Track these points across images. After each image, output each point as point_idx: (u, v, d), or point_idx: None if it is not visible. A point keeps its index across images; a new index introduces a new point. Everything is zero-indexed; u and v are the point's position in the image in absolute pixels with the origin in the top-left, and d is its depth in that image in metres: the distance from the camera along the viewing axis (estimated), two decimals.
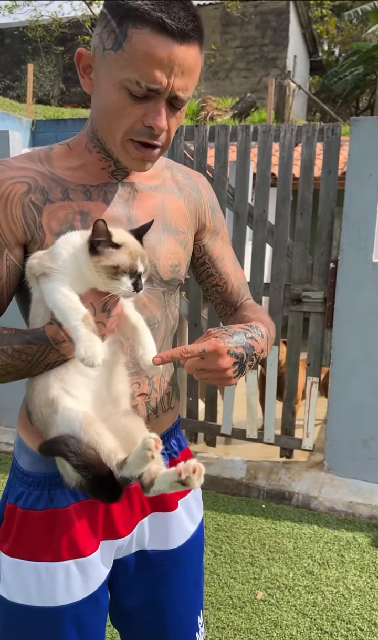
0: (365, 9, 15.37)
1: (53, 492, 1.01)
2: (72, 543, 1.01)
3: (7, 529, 1.03)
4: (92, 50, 0.91)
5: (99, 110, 0.92)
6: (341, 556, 2.56)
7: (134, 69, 0.85)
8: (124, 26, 0.84)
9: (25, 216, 0.94)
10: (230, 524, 2.82)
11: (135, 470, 0.87)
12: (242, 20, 15.85)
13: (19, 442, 1.07)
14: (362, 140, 2.90)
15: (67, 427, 0.88)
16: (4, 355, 0.91)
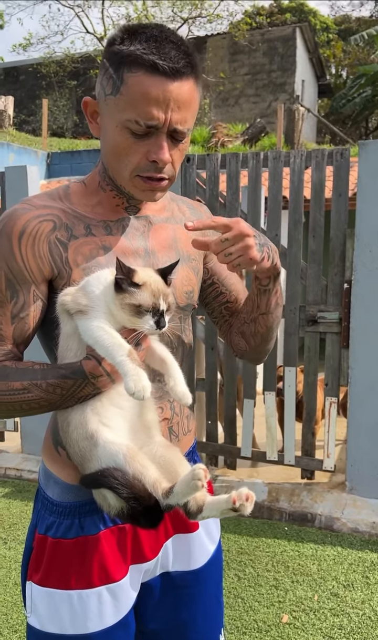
0: (371, 33, 15.64)
1: (83, 520, 1.03)
2: (103, 569, 1.03)
3: (38, 559, 1.05)
4: (97, 96, 0.98)
5: (107, 152, 0.99)
6: (366, 578, 2.54)
7: (133, 109, 0.91)
8: (120, 72, 0.92)
9: (52, 253, 0.98)
10: (253, 547, 2.82)
11: (181, 499, 0.90)
12: (249, 48, 16.20)
13: (45, 472, 1.09)
14: (370, 162, 2.95)
15: (110, 460, 0.91)
16: (38, 390, 0.94)
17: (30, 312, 0.99)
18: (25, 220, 0.98)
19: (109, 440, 0.92)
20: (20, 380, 0.95)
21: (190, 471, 0.89)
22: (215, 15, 15.48)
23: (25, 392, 0.94)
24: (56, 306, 0.97)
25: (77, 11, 15.65)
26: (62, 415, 0.98)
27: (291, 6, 20.98)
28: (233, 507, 0.91)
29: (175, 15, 15.53)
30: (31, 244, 0.97)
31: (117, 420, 0.96)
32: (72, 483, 1.03)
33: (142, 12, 15.24)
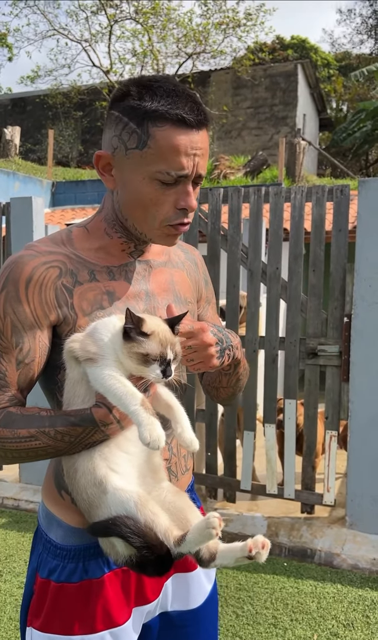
0: (371, 69, 16.04)
1: (87, 564, 1.02)
2: (106, 613, 1.02)
3: (40, 604, 1.03)
4: (111, 150, 0.99)
5: (130, 203, 1.00)
6: (366, 617, 2.50)
7: (162, 161, 0.95)
8: (144, 126, 0.95)
9: (58, 299, 0.99)
10: (252, 583, 2.78)
11: (194, 547, 0.90)
12: (252, 83, 16.60)
13: (47, 515, 1.08)
14: (370, 199, 3.02)
15: (120, 507, 0.90)
16: (45, 438, 0.94)
17: (35, 358, 1.00)
18: (32, 267, 0.99)
19: (119, 487, 0.91)
20: (27, 427, 0.94)
21: (204, 519, 0.89)
22: (218, 51, 15.89)
23: (32, 439, 0.94)
24: (63, 352, 0.98)
25: (84, 45, 16.09)
26: (68, 461, 0.97)
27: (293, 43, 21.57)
28: (249, 555, 0.91)
29: (180, 50, 15.96)
30: (38, 291, 0.98)
31: (125, 466, 0.95)
32: (76, 526, 1.02)
33: (147, 47, 15.66)
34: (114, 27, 15.54)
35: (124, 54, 16.83)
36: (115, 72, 16.17)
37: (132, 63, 16.27)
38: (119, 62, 16.26)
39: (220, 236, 3.40)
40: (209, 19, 15.42)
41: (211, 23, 15.38)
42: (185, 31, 15.50)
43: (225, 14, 15.41)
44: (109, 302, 1.03)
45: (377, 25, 23.86)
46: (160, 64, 15.93)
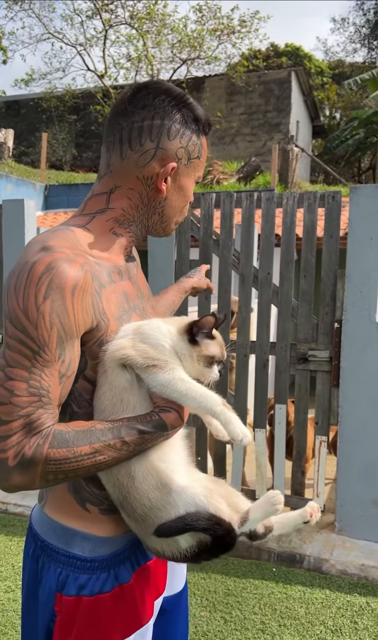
0: (364, 78, 16.16)
1: (118, 570, 1.02)
2: (137, 614, 1.02)
3: (69, 624, 0.98)
4: (176, 160, 1.03)
5: (180, 205, 1.09)
6: (354, 623, 2.50)
7: (203, 166, 1.10)
8: (200, 138, 1.06)
9: (94, 304, 0.94)
10: (241, 588, 2.77)
11: (257, 524, 0.97)
12: (246, 89, 16.68)
13: (64, 532, 1.02)
14: (361, 206, 3.04)
15: (190, 504, 0.92)
16: (110, 451, 0.90)
17: (74, 370, 0.94)
18: (75, 272, 0.91)
19: (184, 485, 0.94)
20: (88, 443, 0.89)
21: (265, 497, 0.96)
22: (213, 57, 15.97)
23: (96, 454, 0.89)
24: (105, 359, 0.94)
25: (79, 49, 16.13)
26: (118, 470, 0.95)
27: (287, 50, 21.72)
28: (308, 520, 1.02)
29: (175, 56, 16.02)
30: (81, 298, 0.91)
31: (177, 465, 0.98)
32: (106, 536, 1.01)
33: (142, 52, 15.71)
34: (108, 31, 15.60)
35: (119, 58, 16.90)
36: (110, 77, 16.22)
37: (127, 68, 16.33)
38: (114, 66, 16.32)
39: (212, 241, 3.40)
40: (204, 25, 15.50)
41: (206, 29, 15.46)
42: (179, 37, 15.58)
43: (220, 21, 15.51)
44: (126, 303, 1.02)
45: (370, 34, 24.08)
46: (154, 69, 15.99)
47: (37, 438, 0.87)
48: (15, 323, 0.88)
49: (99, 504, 1.00)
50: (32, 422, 0.87)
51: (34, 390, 0.87)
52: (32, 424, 0.87)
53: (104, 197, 1.04)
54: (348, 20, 27.98)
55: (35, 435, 0.87)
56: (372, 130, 16.36)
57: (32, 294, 0.87)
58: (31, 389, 0.87)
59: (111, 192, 1.03)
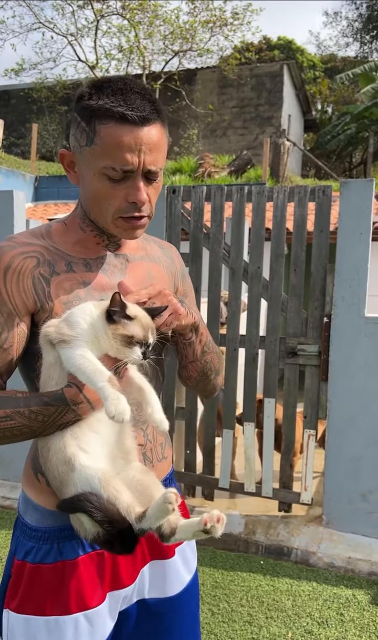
0: (356, 72, 16.17)
1: (62, 545, 1.06)
2: (80, 595, 1.04)
3: (16, 586, 1.06)
4: (72, 148, 1.05)
5: (88, 198, 1.06)
6: (341, 615, 2.53)
7: (108, 157, 0.99)
8: (92, 124, 0.99)
9: (36, 287, 1.04)
10: (228, 581, 2.79)
11: (154, 523, 0.94)
12: (238, 82, 16.62)
13: (24, 499, 1.12)
14: (351, 201, 3.04)
15: (86, 484, 0.94)
16: (20, 417, 0.98)
17: (13, 344, 1.03)
18: (11, 256, 1.03)
19: (85, 465, 0.95)
20: (2, 408, 0.98)
21: (161, 495, 0.92)
22: (205, 49, 15.88)
23: (7, 419, 0.97)
24: (39, 337, 1.02)
25: (70, 40, 15.97)
26: (43, 441, 1.01)
27: (279, 44, 21.65)
28: (205, 529, 0.94)
29: (167, 47, 15.92)
30: (16, 279, 1.02)
31: (95, 446, 0.99)
32: (51, 509, 1.05)
33: (134, 43, 15.59)
34: (100, 22, 15.45)
35: (110, 49, 16.72)
36: (101, 68, 16.08)
37: (118, 59, 16.22)
38: (105, 57, 16.18)
39: (203, 234, 3.39)
40: (196, 17, 15.40)
41: (198, 21, 15.37)
42: (172, 28, 15.47)
43: (212, 13, 15.41)
44: (84, 292, 1.07)
45: (362, 28, 24.06)
46: (146, 60, 15.87)
47: None
48: None
49: None
50: None
51: None
52: None
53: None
54: (340, 14, 27.95)
55: None
56: (363, 125, 16.38)
57: None
58: None
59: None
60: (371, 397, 3.04)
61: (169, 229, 3.43)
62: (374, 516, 3.06)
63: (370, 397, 3.04)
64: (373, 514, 3.06)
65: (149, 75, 15.86)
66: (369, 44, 24.33)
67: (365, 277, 3.03)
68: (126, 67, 16.23)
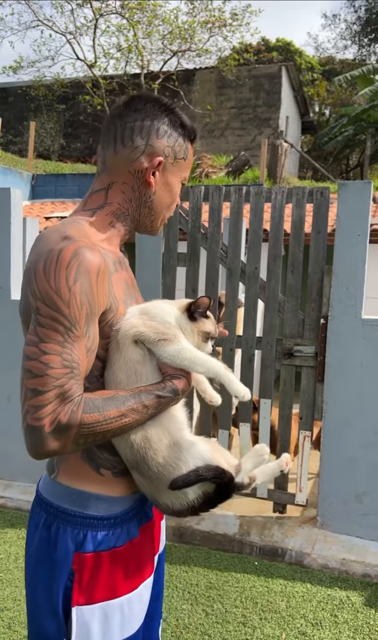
0: (354, 74, 16.17)
1: (129, 526, 1.15)
2: (141, 568, 1.16)
3: (85, 579, 1.09)
4: (163, 157, 1.15)
5: (164, 202, 1.20)
6: (334, 616, 2.52)
7: (188, 169, 1.22)
8: (186, 141, 1.19)
9: (109, 288, 1.07)
10: (222, 581, 2.78)
11: (247, 474, 1.14)
12: (236, 83, 16.60)
13: (80, 495, 1.12)
14: (349, 203, 3.04)
15: (199, 458, 1.07)
16: (134, 414, 1.04)
17: (96, 345, 1.06)
18: (99, 258, 1.03)
19: (192, 441, 1.09)
20: (116, 408, 1.02)
21: (254, 451, 1.16)
22: (204, 50, 15.86)
23: (122, 417, 1.02)
24: (119, 337, 1.08)
25: (68, 38, 15.89)
26: (134, 434, 1.07)
27: (278, 45, 21.66)
28: (283, 469, 1.19)
29: (165, 47, 15.88)
30: (102, 282, 1.04)
31: (183, 426, 1.12)
32: (118, 495, 1.14)
33: (132, 42, 15.55)
34: (99, 20, 15.39)
35: (109, 48, 16.70)
36: (100, 67, 16.03)
37: (117, 58, 16.14)
38: (104, 56, 16.11)
39: (200, 234, 3.39)
40: (195, 17, 15.37)
41: (197, 21, 15.34)
42: (170, 28, 15.43)
43: (211, 13, 15.38)
44: (127, 289, 1.17)
45: (361, 31, 24.10)
46: (144, 60, 15.84)
47: (70, 405, 0.98)
48: (49, 303, 0.98)
49: (111, 468, 1.12)
50: (65, 391, 0.98)
51: (66, 362, 0.99)
52: (65, 394, 0.98)
53: (102, 193, 1.16)
54: (339, 16, 27.90)
55: (68, 403, 0.98)
56: (361, 127, 16.40)
57: (63, 277, 0.98)
58: (64, 362, 0.98)
59: (108, 188, 1.15)
60: (367, 399, 3.04)
61: (167, 229, 3.43)
62: (369, 518, 3.06)
63: (366, 399, 3.05)
64: (367, 515, 3.06)
65: (147, 74, 15.82)
66: (367, 47, 24.38)
67: (363, 279, 3.03)
68: (125, 66, 16.17)
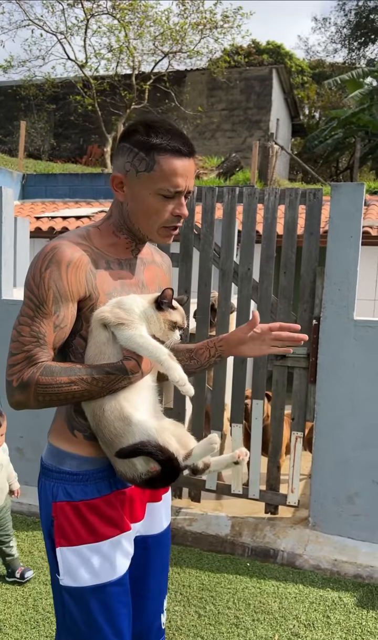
0: (344, 78, 16.27)
1: (99, 484, 1.31)
2: (117, 522, 1.32)
3: (63, 524, 1.28)
4: (123, 172, 1.29)
5: (138, 212, 1.31)
6: (327, 617, 2.53)
7: (165, 181, 1.27)
8: (151, 155, 1.26)
9: (87, 279, 1.26)
10: (215, 583, 2.77)
11: (198, 459, 1.25)
12: (227, 85, 16.65)
13: (59, 452, 1.33)
14: (342, 204, 3.05)
15: (144, 434, 1.20)
16: (83, 383, 1.21)
17: (67, 324, 1.25)
18: (71, 252, 1.25)
19: (141, 419, 1.22)
20: (67, 375, 1.20)
21: (206, 439, 1.24)
22: (195, 51, 15.87)
23: (71, 384, 1.20)
24: (92, 320, 1.26)
25: (59, 38, 15.83)
26: (95, 404, 1.24)
27: (268, 48, 21.74)
28: (236, 461, 1.29)
29: (156, 48, 15.88)
30: (74, 272, 1.24)
31: (141, 406, 1.26)
32: (88, 456, 1.31)
33: (124, 43, 15.53)
34: (90, 21, 15.35)
35: (100, 48, 16.66)
36: (90, 67, 15.99)
37: (108, 58, 16.11)
38: (95, 56, 16.08)
39: (193, 235, 3.38)
40: (186, 18, 15.38)
41: (188, 23, 15.34)
42: (162, 29, 15.43)
43: (203, 15, 15.40)
44: (120, 285, 1.32)
45: (351, 35, 24.25)
46: (136, 60, 15.82)
47: (33, 368, 1.20)
48: (27, 286, 1.24)
49: (83, 431, 1.31)
50: (31, 356, 1.21)
51: (34, 333, 1.22)
52: (31, 357, 1.21)
53: (110, 208, 1.38)
54: (329, 20, 28.13)
55: (32, 366, 1.21)
56: (350, 130, 16.50)
57: (38, 265, 1.24)
58: (32, 332, 1.22)
59: (112, 204, 1.37)
60: (359, 400, 3.05)
61: None
62: (360, 519, 3.07)
63: (358, 400, 3.05)
64: (359, 516, 3.07)
65: (138, 75, 15.81)
66: (357, 51, 24.54)
67: (355, 281, 3.04)
68: (116, 67, 16.13)
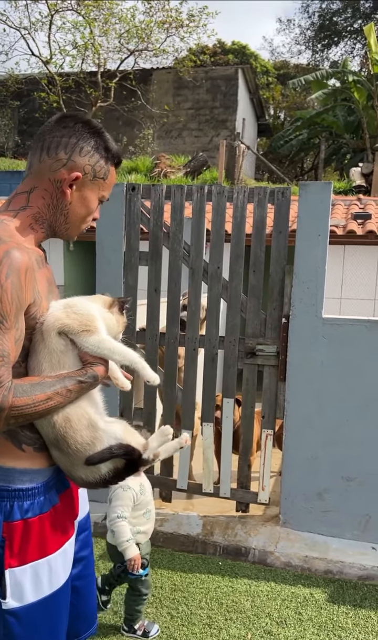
0: (308, 79, 16.45)
1: (50, 494, 1.29)
2: (64, 529, 1.31)
3: (16, 544, 1.22)
4: (82, 173, 1.27)
5: (78, 213, 1.30)
6: (299, 614, 2.54)
7: (108, 190, 1.34)
8: (108, 164, 1.31)
9: (33, 284, 1.18)
10: (187, 583, 2.76)
11: (154, 451, 1.32)
12: (193, 84, 16.65)
13: (7, 471, 1.23)
14: (310, 203, 3.07)
15: (112, 438, 1.24)
16: (58, 397, 1.17)
17: (22, 334, 1.17)
18: (27, 257, 1.15)
19: (107, 423, 1.26)
20: (42, 392, 1.15)
21: (160, 430, 1.34)
22: (161, 50, 15.83)
23: (48, 400, 1.15)
24: (41, 328, 1.20)
25: (23, 33, 15.57)
26: (56, 415, 1.20)
27: (233, 48, 21.84)
28: (182, 446, 1.40)
29: (122, 46, 15.78)
30: (29, 278, 1.16)
31: (100, 409, 1.29)
32: (40, 467, 1.26)
33: (89, 40, 15.38)
34: (54, 17, 15.15)
35: (65, 45, 16.44)
36: (55, 64, 15.78)
37: (73, 55, 15.92)
38: (60, 53, 15.87)
39: (162, 233, 3.36)
40: (152, 16, 15.33)
41: (154, 21, 15.29)
42: (127, 27, 15.34)
43: (168, 14, 15.36)
44: (48, 285, 1.27)
45: (314, 37, 24.56)
46: (101, 58, 15.67)
47: (2, 390, 1.09)
48: None
49: (32, 444, 1.25)
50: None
51: (0, 351, 1.11)
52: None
53: (25, 195, 1.27)
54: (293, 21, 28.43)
55: (0, 388, 1.09)
56: (315, 131, 16.73)
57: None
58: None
59: (31, 191, 1.26)
60: (328, 398, 3.08)
61: (128, 227, 3.39)
62: (330, 515, 3.10)
63: (327, 397, 3.08)
64: (328, 512, 3.10)
65: (104, 73, 15.66)
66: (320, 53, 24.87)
67: (323, 279, 3.06)
68: (81, 64, 15.96)
